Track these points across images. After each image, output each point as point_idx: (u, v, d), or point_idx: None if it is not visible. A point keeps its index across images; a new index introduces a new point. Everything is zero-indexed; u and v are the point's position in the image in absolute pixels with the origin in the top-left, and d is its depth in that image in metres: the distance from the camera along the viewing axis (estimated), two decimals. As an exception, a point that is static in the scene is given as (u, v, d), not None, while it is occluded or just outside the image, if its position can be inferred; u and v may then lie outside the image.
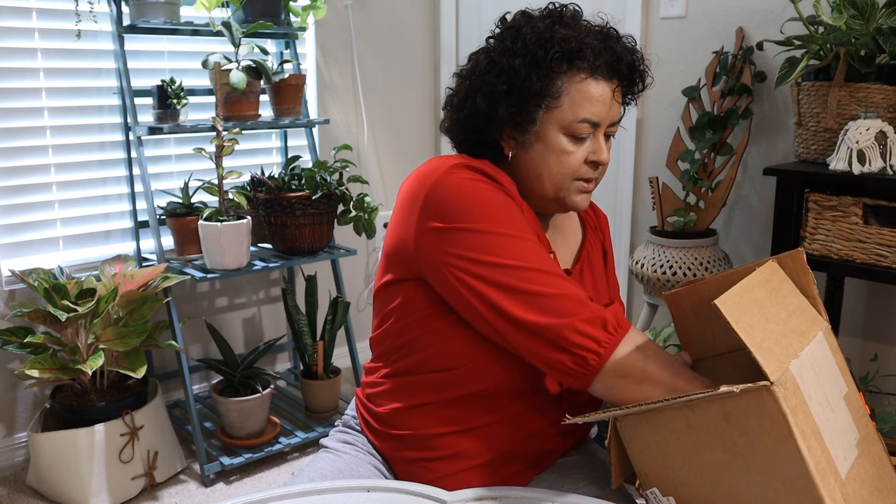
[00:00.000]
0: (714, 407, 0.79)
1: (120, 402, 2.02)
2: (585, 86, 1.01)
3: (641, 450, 0.88)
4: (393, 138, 2.98)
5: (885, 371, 2.04)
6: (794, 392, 0.77)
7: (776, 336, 0.82)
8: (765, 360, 0.76)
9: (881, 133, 1.68)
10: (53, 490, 2.00)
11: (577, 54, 1.00)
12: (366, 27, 2.82)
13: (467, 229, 0.96)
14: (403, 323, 1.06)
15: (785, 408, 0.74)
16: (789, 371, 0.78)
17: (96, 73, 2.27)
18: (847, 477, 0.81)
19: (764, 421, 0.76)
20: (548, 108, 1.01)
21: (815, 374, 0.84)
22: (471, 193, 0.98)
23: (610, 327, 0.91)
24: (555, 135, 1.03)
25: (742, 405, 0.77)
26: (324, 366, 2.39)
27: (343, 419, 1.22)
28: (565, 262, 1.14)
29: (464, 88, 1.08)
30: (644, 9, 2.42)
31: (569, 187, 1.05)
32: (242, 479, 2.17)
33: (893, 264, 1.67)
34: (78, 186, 2.28)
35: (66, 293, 1.92)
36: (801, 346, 0.84)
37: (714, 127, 2.17)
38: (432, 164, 1.03)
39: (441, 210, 0.97)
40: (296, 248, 2.27)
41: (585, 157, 1.04)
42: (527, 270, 0.94)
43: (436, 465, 1.06)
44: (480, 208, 0.97)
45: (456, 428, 1.05)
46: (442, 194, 0.98)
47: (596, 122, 1.02)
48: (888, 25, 1.71)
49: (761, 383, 0.74)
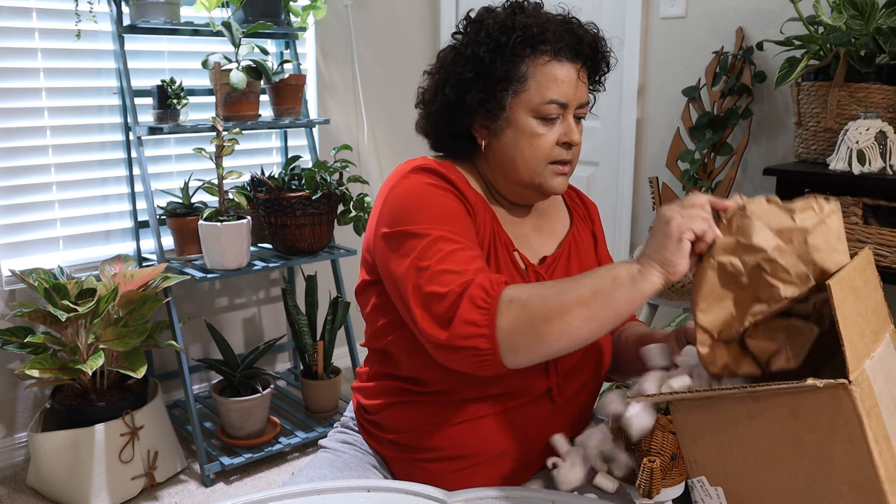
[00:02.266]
0: (782, 400, 0.75)
1: (120, 402, 2.02)
2: (550, 68, 1.04)
3: (693, 436, 0.84)
4: (393, 138, 2.98)
5: (885, 371, 2.04)
6: (869, 393, 0.74)
7: (861, 332, 0.78)
8: (851, 356, 0.72)
9: (881, 133, 1.68)
10: (53, 490, 2.00)
11: (538, 38, 1.03)
12: (366, 27, 2.82)
13: (404, 232, 0.98)
14: (376, 327, 1.10)
15: (861, 409, 0.71)
16: (865, 371, 0.74)
17: (96, 73, 2.27)
18: None
19: (836, 420, 0.72)
20: (515, 92, 1.04)
21: (886, 377, 0.80)
22: (415, 196, 1.01)
23: (480, 302, 0.88)
24: (525, 118, 1.05)
25: (814, 402, 0.73)
26: (324, 366, 2.39)
27: (342, 420, 1.23)
28: (546, 249, 1.15)
29: (433, 83, 1.12)
30: (644, 9, 2.42)
31: (544, 171, 1.07)
32: (242, 479, 2.17)
33: (893, 264, 1.67)
34: (78, 186, 2.28)
35: (66, 293, 1.92)
36: (875, 346, 0.81)
37: (714, 127, 2.17)
38: (398, 168, 1.08)
39: (391, 215, 1.01)
40: (296, 248, 2.27)
41: (557, 138, 1.06)
42: (433, 273, 0.94)
43: (430, 465, 1.07)
44: (418, 210, 0.99)
45: (443, 425, 1.05)
46: (394, 200, 1.03)
47: (563, 102, 1.04)
48: (888, 25, 1.71)
49: (841, 381, 0.71)
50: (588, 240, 1.22)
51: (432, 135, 1.15)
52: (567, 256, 1.15)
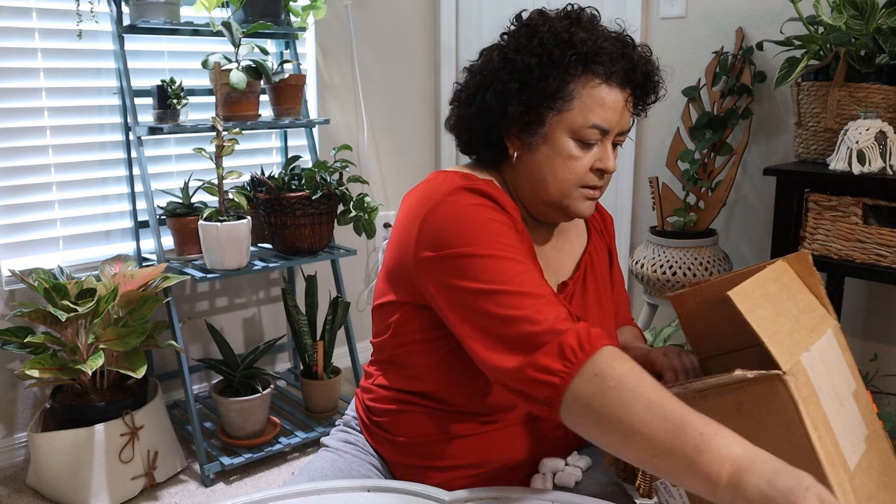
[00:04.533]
0: (727, 396, 0.81)
1: (120, 402, 2.02)
2: (599, 91, 1.00)
3: None
4: (393, 138, 2.98)
5: (885, 371, 2.04)
6: (806, 383, 0.79)
7: (787, 330, 0.83)
8: (777, 350, 0.77)
9: (881, 133, 1.68)
10: (53, 490, 2.00)
11: (593, 58, 0.99)
12: (366, 27, 2.82)
13: (458, 255, 0.93)
14: (399, 341, 1.06)
15: (797, 397, 0.76)
16: (801, 363, 0.80)
17: (96, 73, 2.27)
18: (855, 469, 0.82)
19: (775, 410, 0.77)
20: (558, 110, 1.00)
21: (826, 369, 0.85)
22: (467, 218, 0.96)
23: (569, 354, 0.83)
24: (563, 138, 1.01)
25: (754, 394, 0.78)
26: (324, 366, 2.39)
27: (344, 419, 1.22)
28: (565, 273, 1.13)
29: (474, 84, 1.06)
30: (644, 9, 2.42)
31: (573, 194, 1.04)
32: (242, 479, 2.17)
33: (893, 264, 1.67)
34: (78, 186, 2.28)
35: (66, 293, 1.92)
36: (812, 342, 0.86)
37: (714, 127, 2.17)
38: (435, 184, 1.02)
39: (436, 238, 0.96)
40: (296, 248, 2.27)
41: (592, 163, 1.02)
42: (509, 295, 0.90)
43: (432, 473, 1.07)
44: (473, 232, 0.94)
45: (450, 437, 1.05)
46: (438, 221, 0.96)
47: (606, 128, 1.01)
48: (888, 25, 1.71)
49: (774, 371, 0.76)
50: (604, 256, 1.20)
51: (464, 137, 1.11)
52: (583, 279, 1.13)
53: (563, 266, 1.13)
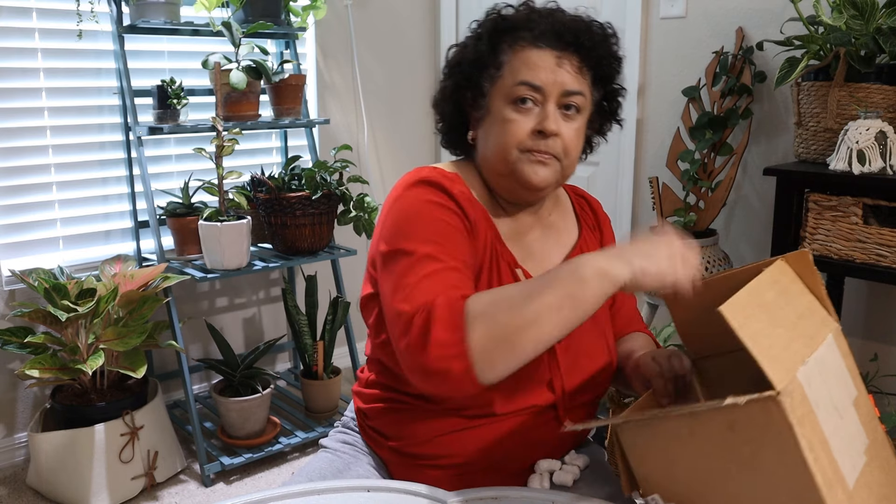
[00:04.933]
0: (718, 416, 0.77)
1: (120, 402, 2.02)
2: (526, 53, 1.03)
3: (642, 456, 0.87)
4: (393, 138, 2.98)
5: (885, 371, 2.04)
6: (802, 401, 0.75)
7: (784, 342, 0.79)
8: (771, 368, 0.73)
9: (881, 133, 1.68)
10: (53, 490, 2.00)
11: (521, 25, 1.04)
12: (366, 27, 2.82)
13: (398, 251, 0.97)
14: (380, 340, 1.08)
15: (791, 418, 0.72)
16: (797, 379, 0.75)
17: (96, 73, 2.27)
18: (855, 486, 0.79)
19: (769, 431, 0.73)
20: (492, 79, 1.05)
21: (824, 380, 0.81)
22: (413, 215, 0.99)
23: (446, 321, 0.86)
24: (500, 105, 1.04)
25: (747, 415, 0.74)
26: (324, 366, 2.39)
27: (342, 420, 1.23)
28: (552, 262, 1.13)
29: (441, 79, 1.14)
30: (644, 9, 2.42)
31: (516, 158, 1.03)
32: (242, 479, 2.17)
33: (893, 264, 1.67)
34: (78, 186, 2.28)
35: (66, 293, 1.92)
36: (810, 351, 0.81)
37: (714, 127, 2.17)
38: (404, 177, 1.07)
39: (389, 232, 1.00)
40: (296, 248, 2.27)
41: (532, 126, 1.02)
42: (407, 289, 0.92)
43: (431, 471, 1.07)
44: (415, 229, 0.98)
45: (441, 435, 1.05)
46: (394, 216, 1.01)
47: (536, 84, 1.01)
48: (888, 25, 1.71)
49: (767, 393, 0.72)
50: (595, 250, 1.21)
51: (440, 130, 1.17)
52: None
53: (549, 257, 1.13)
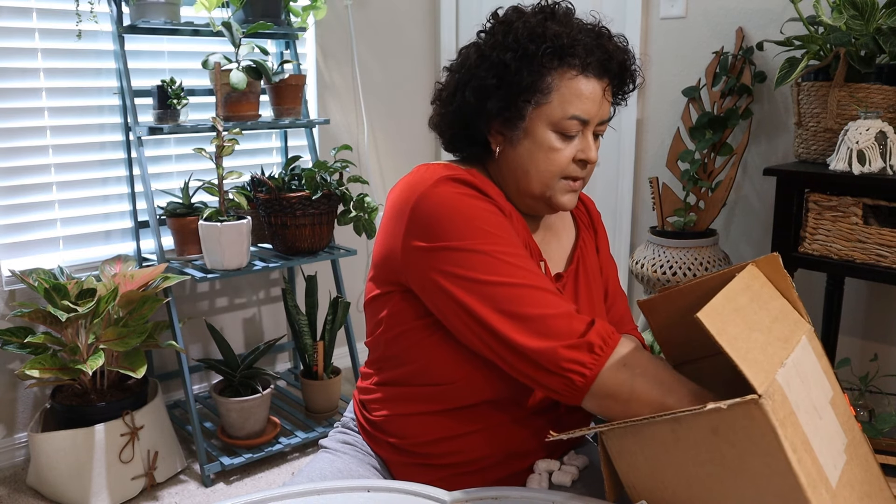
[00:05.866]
0: (701, 421, 0.78)
1: (120, 402, 2.02)
2: (576, 83, 1.01)
3: (629, 463, 0.87)
4: (393, 138, 2.98)
5: (884, 371, 2.04)
6: (783, 403, 0.75)
7: (761, 345, 0.80)
8: (751, 372, 0.74)
9: (881, 133, 1.68)
10: (53, 490, 2.00)
11: (568, 51, 1.00)
12: (366, 27, 2.82)
13: (454, 248, 0.96)
14: (392, 334, 1.07)
15: (774, 421, 0.73)
16: (776, 382, 0.76)
17: (96, 74, 2.27)
18: (837, 485, 0.80)
19: (752, 434, 0.74)
20: (537, 104, 1.01)
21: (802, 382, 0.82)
22: (456, 209, 0.97)
23: (596, 348, 0.90)
24: (543, 131, 1.02)
25: (730, 419, 0.75)
26: (324, 366, 2.39)
27: (342, 420, 1.23)
28: (558, 265, 1.14)
29: (453, 82, 1.08)
30: (644, 9, 2.42)
31: (556, 186, 1.05)
32: (242, 479, 2.17)
33: (893, 264, 1.67)
34: (78, 186, 2.28)
35: (66, 293, 1.92)
36: (787, 353, 0.82)
37: (714, 127, 2.17)
38: (418, 175, 1.03)
39: (426, 228, 0.97)
40: (296, 248, 2.27)
41: (574, 155, 1.04)
42: (516, 287, 0.94)
43: (430, 471, 1.07)
44: (467, 225, 0.96)
45: (447, 435, 1.05)
46: (426, 210, 0.98)
47: (585, 119, 1.02)
48: (888, 25, 1.71)
49: (749, 397, 0.72)
50: (592, 250, 1.21)
51: (446, 135, 1.13)
52: (575, 274, 1.14)
53: (552, 259, 1.14)
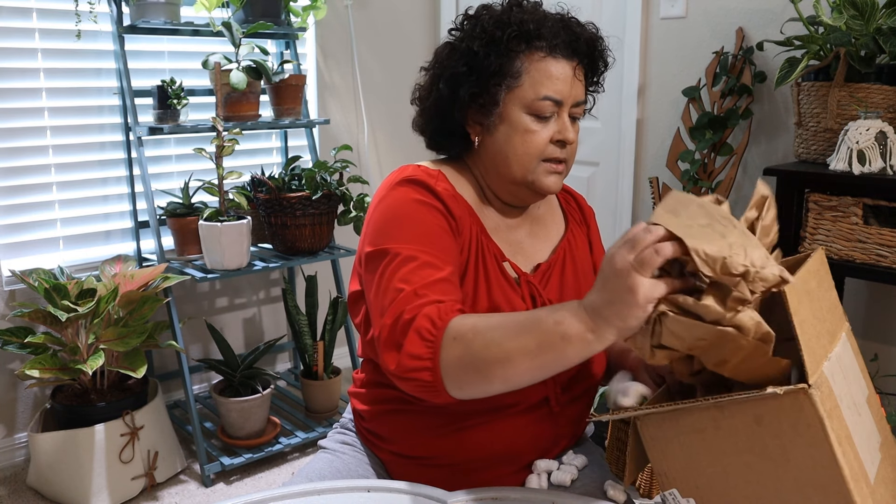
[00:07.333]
0: (745, 408, 0.76)
1: (120, 403, 2.02)
2: (545, 64, 1.03)
3: (664, 450, 0.85)
4: (393, 138, 2.98)
5: (885, 371, 2.04)
6: (829, 395, 0.74)
7: (817, 334, 0.78)
8: (809, 359, 0.72)
9: (881, 133, 1.68)
10: (54, 490, 2.00)
11: (534, 33, 1.03)
12: (366, 27, 2.82)
13: (382, 251, 0.97)
14: (368, 338, 1.08)
15: (822, 411, 0.71)
16: (823, 373, 0.75)
17: (96, 74, 2.27)
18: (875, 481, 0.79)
19: (799, 424, 0.73)
20: (509, 87, 1.03)
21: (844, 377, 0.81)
22: (397, 215, 1.00)
23: (426, 334, 0.86)
24: (518, 115, 1.04)
25: (776, 408, 0.74)
26: (324, 366, 2.39)
27: (341, 420, 1.23)
28: (540, 256, 1.13)
29: (428, 79, 1.11)
30: (644, 9, 2.42)
31: (537, 168, 1.06)
32: (242, 479, 2.17)
33: (893, 264, 1.67)
34: (78, 186, 2.28)
35: (66, 293, 1.92)
36: (832, 347, 0.81)
37: (714, 127, 2.17)
38: (389, 176, 1.06)
39: (374, 232, 1.01)
40: (296, 249, 2.27)
41: (551, 136, 1.05)
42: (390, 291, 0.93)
43: (430, 471, 1.07)
44: (399, 229, 0.98)
45: (437, 433, 1.05)
46: (378, 215, 1.02)
47: (558, 99, 1.03)
48: (888, 25, 1.71)
49: (800, 385, 0.71)
50: (584, 244, 1.21)
51: (427, 132, 1.15)
52: (562, 263, 1.14)
53: (539, 251, 1.14)
